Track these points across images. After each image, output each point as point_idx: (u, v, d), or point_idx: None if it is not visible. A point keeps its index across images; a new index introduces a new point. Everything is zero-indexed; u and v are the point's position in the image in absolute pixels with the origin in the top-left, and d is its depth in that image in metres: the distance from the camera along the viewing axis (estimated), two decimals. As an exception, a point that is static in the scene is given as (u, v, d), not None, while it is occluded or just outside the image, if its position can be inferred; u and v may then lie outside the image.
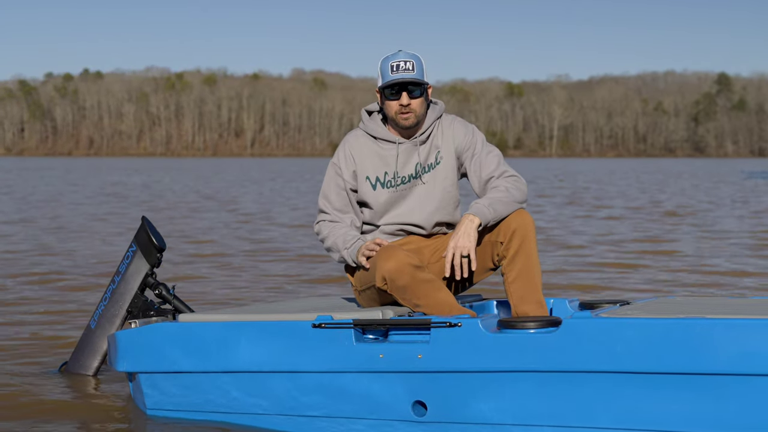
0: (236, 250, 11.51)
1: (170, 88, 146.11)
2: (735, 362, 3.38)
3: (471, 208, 4.08)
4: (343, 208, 4.28)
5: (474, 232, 4.03)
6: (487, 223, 4.06)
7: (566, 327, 3.56)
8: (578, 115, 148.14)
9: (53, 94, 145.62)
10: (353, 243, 4.18)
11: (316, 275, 9.21)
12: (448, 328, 3.69)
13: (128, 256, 5.02)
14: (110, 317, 5.01)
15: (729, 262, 10.10)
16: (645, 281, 8.62)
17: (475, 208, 4.06)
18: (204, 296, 7.77)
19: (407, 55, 4.20)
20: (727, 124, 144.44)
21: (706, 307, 3.76)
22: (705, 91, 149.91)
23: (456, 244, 4.02)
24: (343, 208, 4.28)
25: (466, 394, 3.71)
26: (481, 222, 4.04)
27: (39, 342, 5.95)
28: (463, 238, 4.02)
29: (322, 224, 4.31)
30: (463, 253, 4.02)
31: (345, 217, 4.28)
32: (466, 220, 4.05)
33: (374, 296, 4.12)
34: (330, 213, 4.29)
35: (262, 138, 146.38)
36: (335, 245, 4.23)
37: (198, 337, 4.08)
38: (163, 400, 4.28)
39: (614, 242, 12.39)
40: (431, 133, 4.30)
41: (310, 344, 3.88)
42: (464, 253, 4.02)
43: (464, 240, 4.02)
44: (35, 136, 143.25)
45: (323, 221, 4.31)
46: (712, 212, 18.78)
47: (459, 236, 4.03)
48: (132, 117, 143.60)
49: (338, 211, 4.28)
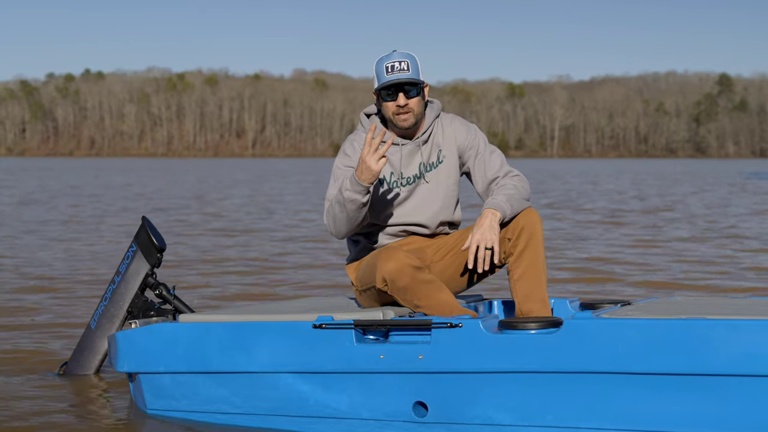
0: (235, 250, 11.50)
1: (171, 89, 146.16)
2: (736, 363, 3.37)
3: (489, 203, 4.07)
4: None
5: (497, 226, 4.03)
6: (506, 217, 4.07)
7: (567, 328, 3.56)
8: (579, 115, 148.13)
9: (54, 95, 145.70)
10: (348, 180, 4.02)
11: (318, 277, 9.20)
12: (449, 329, 3.69)
13: (128, 256, 5.01)
14: (110, 317, 5.00)
15: (728, 262, 10.09)
16: (644, 281, 8.62)
17: (494, 203, 4.06)
18: (205, 296, 7.75)
19: (402, 55, 4.17)
20: (729, 124, 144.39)
21: (707, 308, 3.76)
22: (706, 92, 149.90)
23: (482, 237, 4.01)
24: None
25: (467, 395, 3.70)
26: (501, 216, 4.04)
27: (38, 342, 5.94)
28: (488, 230, 4.01)
29: (329, 207, 4.15)
30: (488, 245, 4.01)
31: None
32: (488, 213, 4.04)
33: (375, 296, 4.11)
34: None
35: (264, 138, 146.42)
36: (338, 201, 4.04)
37: (198, 338, 4.08)
38: (164, 400, 4.27)
39: (612, 241, 12.38)
40: (432, 133, 4.29)
41: (311, 345, 3.88)
42: (489, 245, 4.01)
43: (489, 233, 4.01)
44: (36, 136, 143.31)
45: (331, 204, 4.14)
46: (710, 213, 18.77)
47: (484, 228, 4.02)
48: (133, 117, 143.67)
49: None
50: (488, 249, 4.02)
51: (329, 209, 4.15)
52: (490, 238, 4.01)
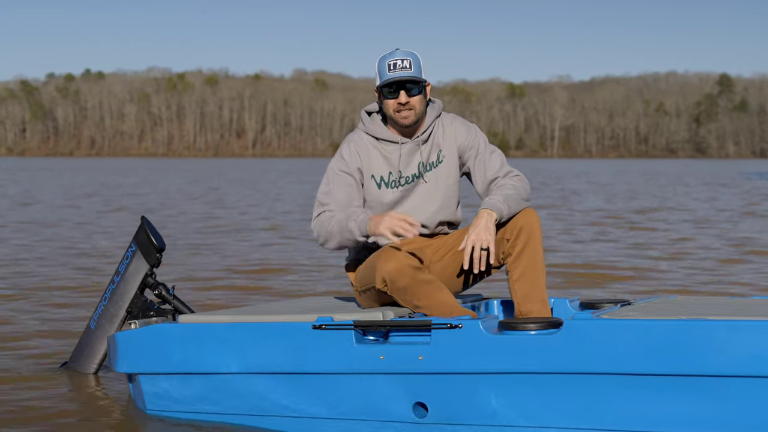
0: (234, 251, 11.49)
1: (172, 89, 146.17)
2: (737, 363, 3.36)
3: (486, 203, 4.06)
4: (347, 201, 4.17)
5: (493, 226, 4.03)
6: (502, 218, 4.06)
7: (567, 328, 3.55)
8: (580, 115, 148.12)
9: (55, 95, 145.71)
10: (361, 215, 4.05)
11: (317, 278, 9.19)
12: (449, 330, 3.68)
13: (128, 256, 5.00)
14: (110, 317, 4.99)
15: (725, 263, 10.08)
16: (643, 281, 8.60)
17: (490, 203, 4.06)
18: (204, 297, 7.74)
19: (404, 53, 4.18)
20: (729, 125, 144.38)
21: (707, 308, 3.75)
22: (706, 92, 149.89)
23: (477, 237, 4.01)
24: (347, 202, 4.17)
25: (467, 396, 3.69)
26: (497, 217, 4.04)
27: (38, 343, 5.93)
28: (484, 231, 4.01)
29: (322, 215, 4.17)
30: (483, 245, 4.01)
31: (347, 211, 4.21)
32: (484, 213, 4.04)
33: (374, 297, 4.10)
34: (330, 204, 4.16)
35: (264, 138, 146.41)
36: (339, 223, 4.08)
37: (198, 338, 4.06)
38: (164, 400, 4.26)
39: (609, 241, 12.38)
40: (432, 132, 4.28)
41: (311, 345, 3.86)
42: (484, 245, 4.01)
43: (485, 233, 4.01)
44: (37, 136, 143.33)
45: (323, 212, 4.17)
46: (710, 214, 18.75)
47: (480, 229, 4.01)
48: (133, 117, 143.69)
49: (341, 204, 4.16)
50: (484, 249, 4.02)
51: (324, 222, 4.14)
52: (485, 238, 4.01)
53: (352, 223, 4.05)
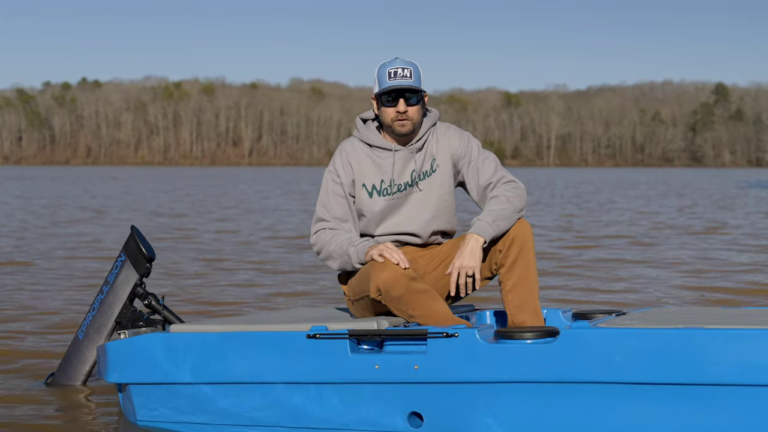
0: (229, 260, 11.46)
1: (168, 97, 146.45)
2: (735, 372, 3.36)
3: (474, 226, 4.07)
4: (344, 216, 4.22)
5: (479, 252, 4.03)
6: (488, 241, 4.06)
7: (564, 337, 3.54)
8: (576, 124, 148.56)
9: (51, 103, 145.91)
10: (361, 243, 4.12)
11: (310, 287, 9.16)
12: (444, 339, 3.67)
13: (117, 265, 4.95)
14: (98, 328, 4.95)
15: (722, 271, 10.07)
16: (633, 292, 8.58)
17: (478, 227, 4.05)
18: (194, 307, 7.70)
19: (405, 62, 4.19)
20: (725, 134, 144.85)
21: (703, 318, 3.75)
22: (702, 101, 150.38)
23: (462, 264, 4.02)
24: (344, 216, 4.22)
25: (463, 405, 3.68)
26: (485, 240, 4.03)
27: (25, 353, 5.86)
28: (469, 258, 4.01)
29: (321, 232, 4.22)
30: (468, 273, 4.02)
31: (345, 226, 4.23)
32: (471, 239, 4.03)
33: (367, 306, 4.08)
34: (330, 221, 4.22)
35: (260, 147, 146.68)
36: (340, 247, 4.14)
37: (189, 348, 4.03)
38: (154, 411, 4.22)
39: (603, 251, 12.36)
40: (426, 141, 4.26)
41: (305, 355, 3.84)
42: (469, 273, 4.03)
43: (470, 260, 4.01)
44: (33, 144, 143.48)
45: (323, 230, 4.23)
46: (701, 223, 18.78)
47: (465, 256, 4.01)
48: (130, 126, 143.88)
49: (338, 219, 4.22)
50: (469, 277, 4.04)
51: (325, 242, 4.18)
52: (470, 265, 4.02)
53: (351, 249, 4.11)
